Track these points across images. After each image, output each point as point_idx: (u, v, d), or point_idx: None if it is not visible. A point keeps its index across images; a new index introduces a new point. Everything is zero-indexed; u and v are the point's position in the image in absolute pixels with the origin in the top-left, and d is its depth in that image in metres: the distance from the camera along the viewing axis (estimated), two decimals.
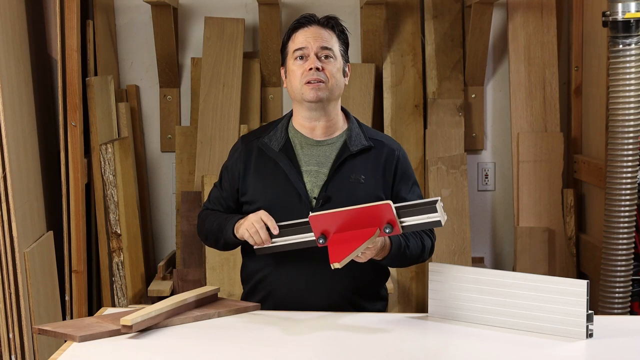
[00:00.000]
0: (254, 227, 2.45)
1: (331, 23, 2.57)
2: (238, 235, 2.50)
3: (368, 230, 2.33)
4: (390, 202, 2.31)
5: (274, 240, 2.46)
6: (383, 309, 2.65)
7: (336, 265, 2.26)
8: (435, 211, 2.30)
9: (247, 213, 2.59)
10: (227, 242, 2.57)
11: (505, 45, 4.08)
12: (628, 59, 3.28)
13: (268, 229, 2.45)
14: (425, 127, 4.05)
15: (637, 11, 3.27)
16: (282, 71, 2.62)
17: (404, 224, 2.33)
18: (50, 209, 3.65)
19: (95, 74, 3.85)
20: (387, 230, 2.32)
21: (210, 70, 3.95)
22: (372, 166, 2.57)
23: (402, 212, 2.32)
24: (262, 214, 2.47)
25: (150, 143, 4.15)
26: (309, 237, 2.41)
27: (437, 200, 2.30)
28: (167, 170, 4.15)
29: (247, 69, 4.04)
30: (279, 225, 2.45)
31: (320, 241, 2.36)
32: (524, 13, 4.00)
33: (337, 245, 2.33)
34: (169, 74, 4.05)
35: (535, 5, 3.99)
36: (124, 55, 4.11)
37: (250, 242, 2.47)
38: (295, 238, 2.44)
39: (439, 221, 2.31)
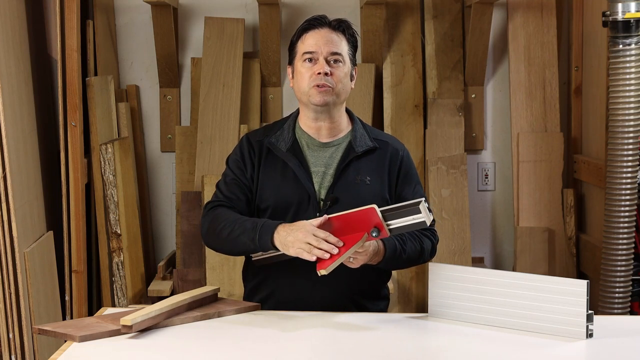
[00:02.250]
0: (315, 246, 2.30)
1: (342, 27, 2.57)
2: (291, 253, 2.35)
3: (356, 235, 2.33)
4: (374, 206, 2.32)
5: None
6: (385, 308, 2.66)
7: (322, 272, 2.27)
8: (419, 212, 2.30)
9: (256, 211, 2.58)
10: (257, 249, 2.45)
11: (505, 45, 4.08)
12: (628, 59, 3.28)
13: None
14: (425, 127, 4.05)
15: (637, 11, 3.27)
16: (289, 70, 2.61)
17: (391, 227, 2.33)
18: (50, 209, 3.65)
19: (95, 74, 3.85)
20: (374, 234, 2.33)
21: (210, 70, 3.95)
22: (377, 167, 2.57)
23: (388, 215, 2.33)
24: (309, 227, 2.33)
25: (150, 143, 4.15)
26: None
27: (420, 202, 2.30)
28: (167, 170, 4.15)
29: (247, 69, 4.04)
30: None
31: None
32: (524, 13, 4.00)
33: None
34: (169, 74, 4.05)
35: (535, 5, 3.99)
36: (124, 55, 4.11)
37: (311, 259, 2.32)
38: None
39: (424, 222, 2.31)
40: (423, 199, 2.33)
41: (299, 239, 2.32)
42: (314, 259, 2.31)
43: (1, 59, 3.18)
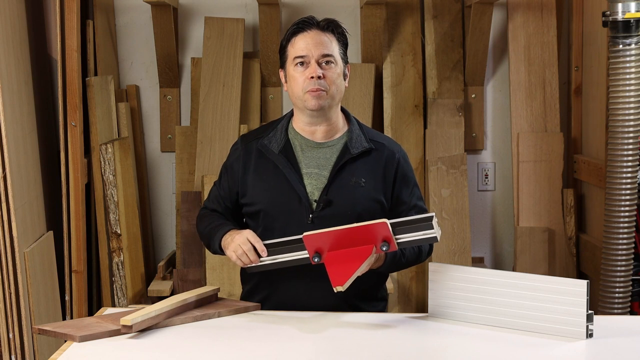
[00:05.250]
0: (241, 248, 2.44)
1: (331, 26, 2.55)
2: (227, 255, 2.51)
3: (364, 248, 2.33)
4: (386, 220, 2.31)
5: (264, 258, 2.45)
6: (383, 309, 2.65)
7: (339, 289, 2.27)
8: (432, 228, 2.31)
9: (248, 214, 2.59)
10: (216, 252, 2.58)
11: (505, 45, 4.08)
12: (628, 59, 3.28)
13: (256, 249, 2.44)
14: (425, 127, 4.05)
15: (637, 11, 3.27)
16: (282, 74, 2.60)
17: (399, 240, 2.33)
18: (50, 209, 3.65)
19: (95, 74, 3.86)
20: (383, 248, 2.33)
21: (210, 70, 3.95)
22: (373, 169, 2.56)
23: (398, 230, 2.33)
24: (249, 235, 2.46)
25: (150, 143, 4.15)
26: (302, 254, 2.40)
27: (432, 217, 2.31)
28: (167, 170, 4.15)
29: (247, 69, 4.04)
30: (270, 243, 2.44)
31: (315, 260, 2.36)
32: (524, 13, 4.00)
33: (335, 266, 2.32)
34: (169, 74, 4.05)
35: (535, 5, 3.99)
36: (124, 55, 4.11)
37: (239, 264, 2.47)
38: (288, 256, 2.43)
39: (435, 237, 2.32)
40: (434, 213, 2.33)
41: (235, 242, 2.47)
42: (240, 263, 2.47)
43: (1, 59, 3.18)
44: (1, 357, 3.20)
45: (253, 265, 2.47)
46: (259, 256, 2.44)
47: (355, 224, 2.34)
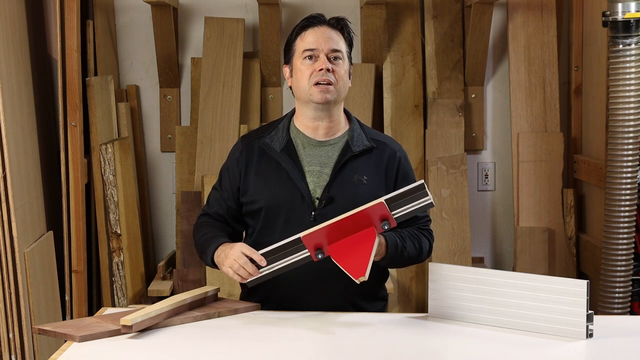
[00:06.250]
0: (237, 263, 2.41)
1: (340, 24, 2.57)
2: (223, 270, 2.47)
3: (366, 231, 2.33)
4: (382, 200, 2.32)
5: (263, 268, 2.41)
6: (383, 309, 2.65)
7: (362, 279, 2.27)
8: (427, 195, 2.32)
9: (249, 213, 2.59)
10: (209, 265, 2.58)
11: (505, 45, 4.08)
12: (628, 59, 3.28)
13: (253, 261, 2.41)
14: (425, 127, 4.05)
15: (637, 11, 3.27)
16: (287, 69, 2.60)
17: (397, 215, 2.34)
18: (50, 209, 3.65)
19: (95, 74, 3.86)
20: (385, 227, 2.33)
21: (210, 70, 3.95)
22: (374, 167, 2.57)
23: (393, 205, 2.33)
24: (242, 248, 2.43)
25: (150, 143, 4.15)
26: (303, 254, 2.38)
27: (423, 184, 2.32)
28: (167, 170, 4.15)
29: (247, 69, 4.04)
30: (267, 251, 2.41)
31: (319, 256, 2.34)
32: (524, 13, 4.00)
33: (346, 258, 2.31)
34: (169, 74, 4.05)
35: (535, 5, 4.00)
36: (124, 55, 4.11)
37: (236, 279, 2.44)
38: (288, 260, 2.39)
39: (431, 202, 2.34)
40: (422, 181, 2.35)
41: (230, 257, 2.43)
42: (237, 278, 2.43)
43: (1, 59, 3.18)
44: (1, 357, 3.20)
45: (253, 278, 2.43)
46: (258, 267, 2.42)
47: (352, 211, 2.32)
